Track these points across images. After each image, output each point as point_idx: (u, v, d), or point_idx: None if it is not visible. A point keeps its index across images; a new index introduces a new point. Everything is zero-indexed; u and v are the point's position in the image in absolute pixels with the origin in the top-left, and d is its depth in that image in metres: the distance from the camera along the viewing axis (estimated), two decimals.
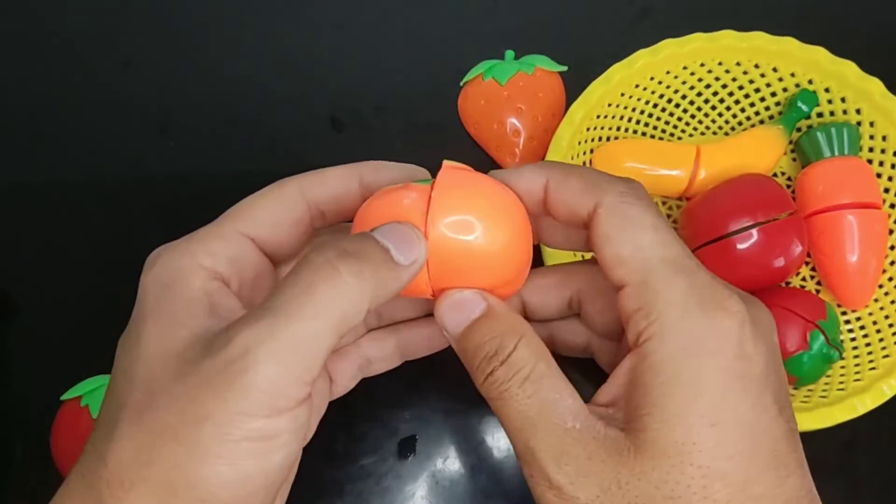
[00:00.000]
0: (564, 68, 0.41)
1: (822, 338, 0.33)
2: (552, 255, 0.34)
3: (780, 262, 0.34)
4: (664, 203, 0.40)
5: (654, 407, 0.19)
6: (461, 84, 0.42)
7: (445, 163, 0.22)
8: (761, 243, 0.34)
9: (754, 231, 0.34)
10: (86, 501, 0.18)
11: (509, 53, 0.42)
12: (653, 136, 0.41)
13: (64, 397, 0.34)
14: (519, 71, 0.40)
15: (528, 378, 0.20)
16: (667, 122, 0.41)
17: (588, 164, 0.39)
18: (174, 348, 0.19)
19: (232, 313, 0.20)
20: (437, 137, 0.42)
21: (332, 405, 0.37)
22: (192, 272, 0.21)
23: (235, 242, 0.22)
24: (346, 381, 0.27)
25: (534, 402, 0.20)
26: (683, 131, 0.41)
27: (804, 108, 0.38)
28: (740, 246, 0.34)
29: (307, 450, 0.35)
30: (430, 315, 0.27)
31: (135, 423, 0.18)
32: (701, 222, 0.36)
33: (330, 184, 0.23)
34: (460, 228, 0.20)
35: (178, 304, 0.20)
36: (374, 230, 0.20)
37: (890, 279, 0.37)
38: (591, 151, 0.38)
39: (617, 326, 0.24)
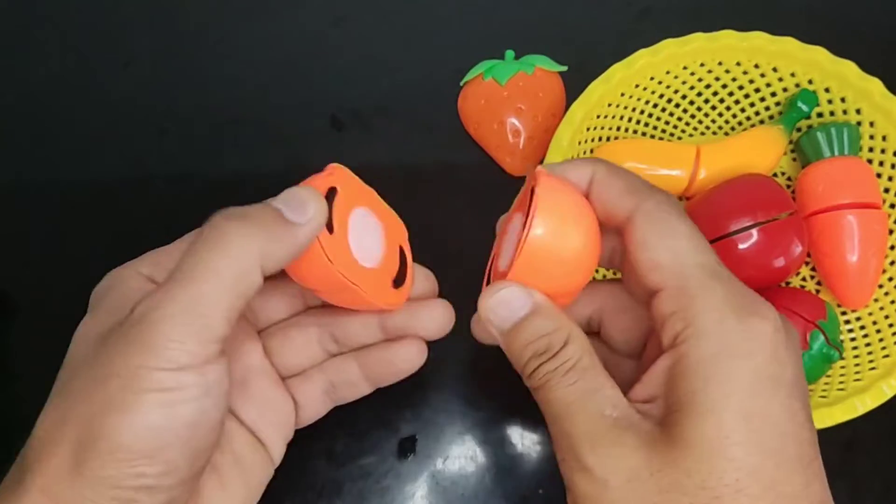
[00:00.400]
0: (564, 68, 0.41)
1: (822, 338, 0.33)
2: None
3: (780, 262, 0.34)
4: None
5: (690, 403, 0.19)
6: (461, 84, 0.42)
7: (540, 169, 0.22)
8: (761, 243, 0.34)
9: (754, 231, 0.34)
10: (16, 469, 0.20)
11: (509, 53, 0.42)
12: (653, 136, 0.41)
13: None
14: (519, 71, 0.40)
15: (573, 368, 0.21)
16: (667, 122, 0.41)
17: None
18: (99, 331, 0.21)
19: None
20: (436, 137, 0.42)
21: None
22: (129, 277, 0.23)
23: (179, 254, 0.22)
24: (313, 405, 0.28)
25: (575, 389, 0.20)
26: (683, 131, 0.41)
27: (804, 108, 0.38)
28: (741, 246, 0.34)
29: (307, 449, 0.35)
30: (389, 340, 0.27)
31: (58, 395, 0.20)
32: (701, 222, 0.35)
33: None
34: (560, 236, 0.21)
35: (112, 301, 0.22)
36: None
37: (890, 279, 0.37)
38: (591, 151, 0.38)
39: (638, 344, 0.25)
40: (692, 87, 0.39)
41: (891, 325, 0.35)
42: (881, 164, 0.37)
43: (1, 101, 0.43)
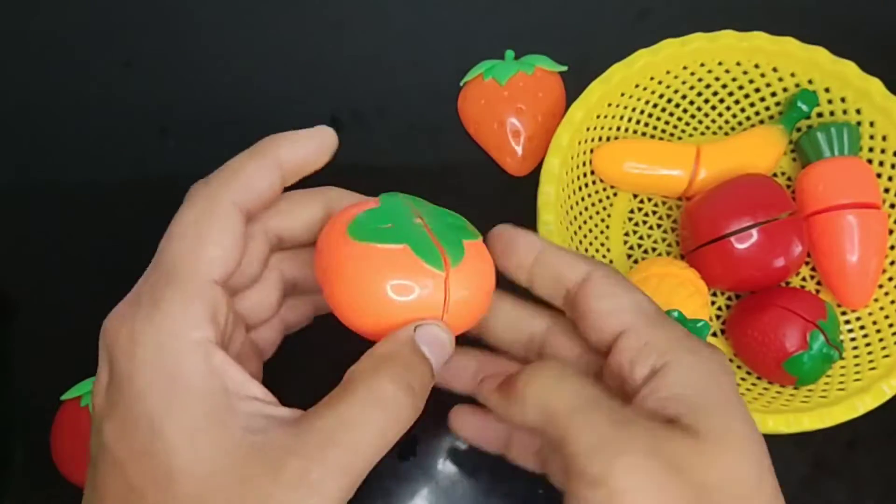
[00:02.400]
0: (564, 68, 0.41)
1: (822, 338, 0.33)
2: None
3: (780, 262, 0.34)
4: (664, 203, 0.40)
5: (690, 408, 0.20)
6: (461, 84, 0.42)
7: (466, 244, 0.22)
8: (761, 243, 0.34)
9: (754, 231, 0.34)
10: None
11: (509, 53, 0.42)
12: (653, 136, 0.41)
13: (64, 397, 0.34)
14: (519, 71, 0.40)
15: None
16: (667, 122, 0.41)
17: (588, 165, 0.39)
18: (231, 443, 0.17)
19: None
20: (436, 137, 0.42)
21: None
22: (191, 352, 0.18)
23: (210, 295, 0.19)
24: (272, 339, 0.25)
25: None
26: (683, 131, 0.41)
27: (804, 107, 0.38)
28: (740, 246, 0.34)
29: None
30: None
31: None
32: (701, 222, 0.36)
33: (256, 189, 0.22)
34: (469, 299, 0.22)
35: (201, 405, 0.18)
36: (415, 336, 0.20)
37: (890, 279, 0.37)
38: (591, 151, 0.38)
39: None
40: (692, 87, 0.39)
41: (891, 325, 0.35)
42: (881, 164, 0.37)
43: (1, 101, 0.43)
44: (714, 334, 0.38)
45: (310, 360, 0.30)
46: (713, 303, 0.38)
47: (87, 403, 0.33)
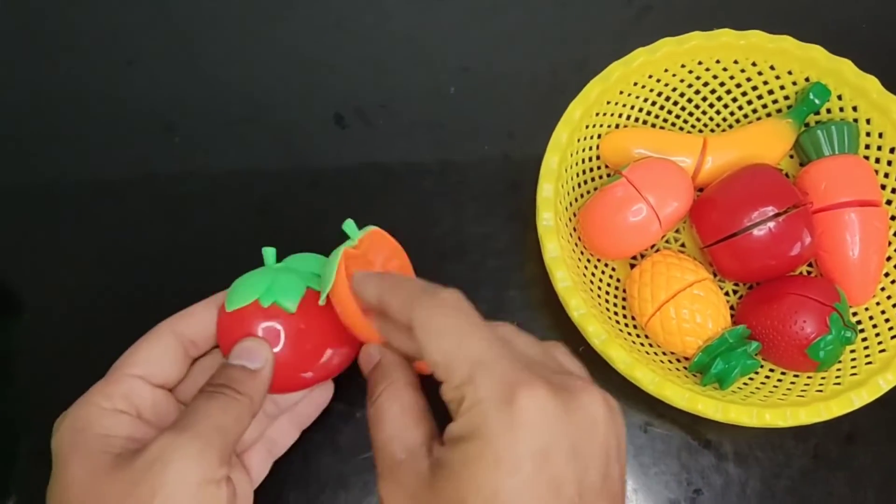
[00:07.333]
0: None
1: (840, 320, 0.33)
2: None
3: (796, 251, 0.35)
4: None
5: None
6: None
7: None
8: (779, 233, 0.34)
9: (774, 221, 0.34)
10: None
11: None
12: None
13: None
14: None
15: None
16: (665, 120, 0.41)
17: (587, 162, 0.39)
18: (90, 478, 0.24)
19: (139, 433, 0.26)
20: (438, 134, 0.43)
21: (336, 398, 0.37)
22: (100, 415, 0.26)
23: (127, 383, 0.27)
24: (260, 468, 0.31)
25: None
26: (681, 129, 0.41)
27: (816, 101, 0.38)
28: (761, 236, 0.34)
29: (312, 441, 0.35)
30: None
31: None
32: (718, 215, 0.36)
33: (192, 323, 0.29)
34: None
35: (93, 444, 0.25)
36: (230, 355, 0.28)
37: (886, 275, 0.37)
38: (590, 149, 0.39)
39: None
40: (690, 85, 0.40)
41: (887, 321, 0.36)
42: (877, 160, 0.37)
43: (4, 99, 0.44)
44: None
45: None
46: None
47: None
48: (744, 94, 0.40)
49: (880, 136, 0.37)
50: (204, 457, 0.23)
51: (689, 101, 0.40)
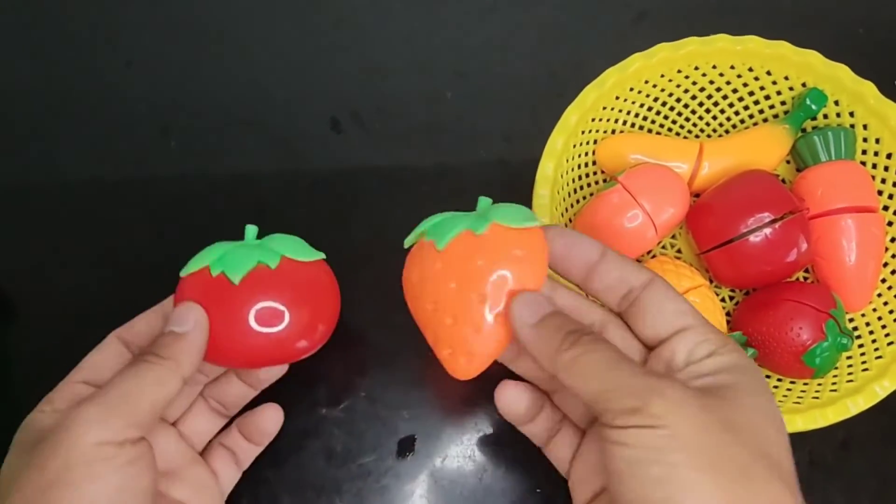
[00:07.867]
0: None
1: (836, 326, 0.33)
2: None
3: (792, 257, 0.35)
4: None
5: (724, 385, 0.23)
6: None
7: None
8: (776, 240, 0.34)
9: (771, 227, 0.34)
10: None
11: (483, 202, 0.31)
12: None
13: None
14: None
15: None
16: (661, 125, 0.41)
17: (583, 168, 0.39)
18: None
19: None
20: (435, 138, 0.43)
21: (331, 405, 0.37)
22: (39, 419, 0.27)
23: (70, 389, 0.28)
24: (228, 473, 0.32)
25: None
26: (678, 134, 0.41)
27: (813, 107, 0.38)
28: (758, 242, 0.34)
29: (307, 448, 0.35)
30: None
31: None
32: (715, 220, 0.36)
33: (137, 328, 0.30)
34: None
35: (28, 437, 0.26)
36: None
37: (882, 281, 0.37)
38: (587, 154, 0.39)
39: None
40: (686, 91, 0.40)
41: (884, 327, 0.36)
42: (874, 166, 0.37)
43: (2, 99, 0.44)
44: None
45: None
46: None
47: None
48: (740, 99, 0.40)
49: (877, 141, 0.37)
50: (105, 420, 0.24)
51: (686, 106, 0.40)
